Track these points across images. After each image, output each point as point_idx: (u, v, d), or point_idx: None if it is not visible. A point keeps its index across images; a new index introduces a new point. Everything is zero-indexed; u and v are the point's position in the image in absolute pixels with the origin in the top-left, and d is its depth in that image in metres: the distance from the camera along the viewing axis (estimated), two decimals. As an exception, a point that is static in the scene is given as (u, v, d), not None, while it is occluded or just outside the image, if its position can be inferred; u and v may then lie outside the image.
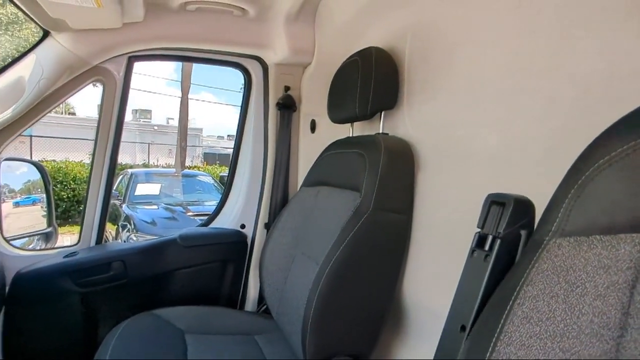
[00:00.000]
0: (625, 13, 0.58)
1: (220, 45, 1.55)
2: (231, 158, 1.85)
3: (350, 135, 1.33)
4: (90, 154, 1.59)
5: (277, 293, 1.29)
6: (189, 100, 2.03)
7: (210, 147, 17.75)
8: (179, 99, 2.02)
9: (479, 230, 0.58)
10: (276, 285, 1.30)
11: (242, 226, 1.73)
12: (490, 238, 0.55)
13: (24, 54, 1.27)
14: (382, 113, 1.18)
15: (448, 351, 0.55)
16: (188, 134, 2.30)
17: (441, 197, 1.00)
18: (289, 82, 1.66)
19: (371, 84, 1.11)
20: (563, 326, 0.41)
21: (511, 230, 0.53)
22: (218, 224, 1.80)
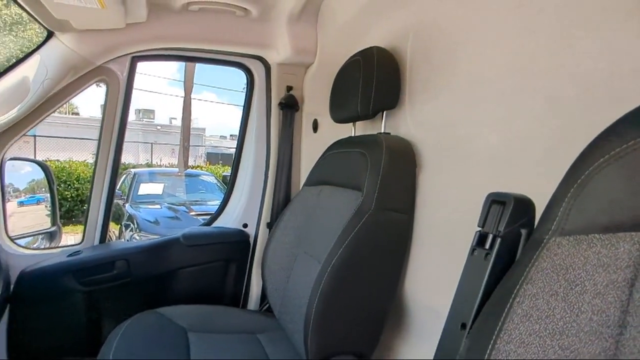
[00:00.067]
0: (626, 13, 0.58)
1: (223, 45, 1.56)
2: (234, 158, 1.86)
3: (353, 135, 1.33)
4: (94, 153, 1.60)
5: (280, 292, 1.29)
6: (191, 100, 2.04)
7: (213, 147, 17.77)
8: (182, 98, 2.03)
9: (479, 229, 0.58)
10: (278, 284, 1.31)
11: (245, 225, 1.74)
12: (490, 237, 0.55)
13: (28, 55, 1.28)
14: (384, 113, 1.18)
15: (448, 349, 0.55)
16: (191, 133, 2.31)
17: (443, 197, 1.00)
18: (292, 82, 1.67)
19: (373, 83, 1.11)
20: (562, 324, 0.41)
21: (511, 229, 0.53)
22: (221, 224, 1.81)
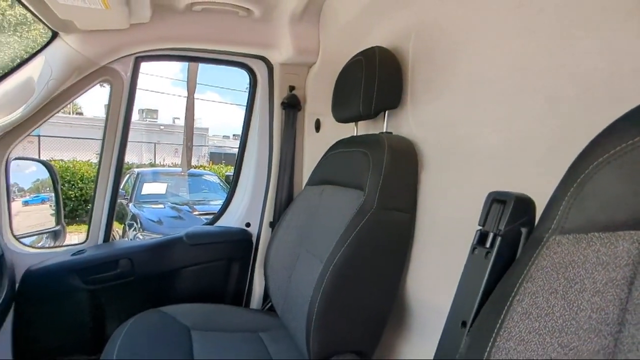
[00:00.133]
0: (626, 13, 0.58)
1: (226, 46, 1.57)
2: (236, 157, 1.87)
3: (355, 135, 1.33)
4: (97, 153, 1.61)
5: (282, 291, 1.29)
6: (194, 100, 2.04)
7: (216, 147, 17.81)
8: (185, 98, 2.04)
9: (480, 227, 0.58)
10: (281, 283, 1.31)
11: (248, 225, 1.75)
12: (491, 235, 0.55)
13: (33, 55, 1.29)
14: (386, 112, 1.18)
15: (449, 347, 0.55)
16: (194, 133, 2.31)
17: (444, 196, 1.00)
18: (294, 82, 1.67)
19: (375, 83, 1.12)
20: (562, 322, 0.42)
21: (512, 228, 0.54)
22: (224, 223, 1.82)
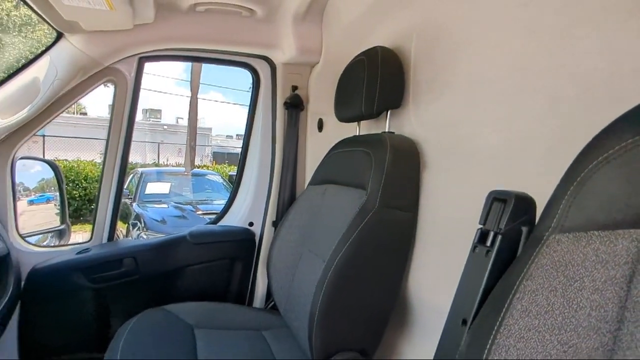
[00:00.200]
0: (626, 12, 0.58)
1: (229, 46, 1.57)
2: (239, 157, 1.87)
3: (357, 134, 1.34)
4: (101, 153, 1.62)
5: (285, 290, 1.30)
6: (198, 100, 2.05)
7: (220, 147, 17.84)
8: (189, 98, 2.05)
9: (481, 226, 0.58)
10: (284, 282, 1.32)
11: (251, 224, 1.75)
12: (491, 234, 0.55)
13: (38, 56, 1.30)
14: (388, 112, 1.19)
15: (449, 345, 0.56)
16: (197, 133, 2.33)
17: (446, 195, 1.00)
18: (297, 82, 1.68)
19: (377, 83, 1.12)
20: (561, 319, 0.42)
21: (512, 227, 0.54)
22: (227, 222, 1.82)
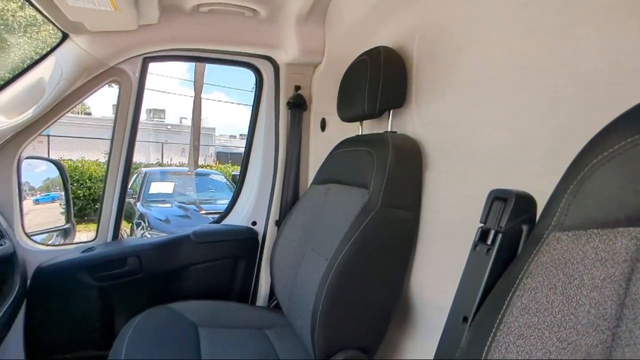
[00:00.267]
0: (626, 12, 0.58)
1: (232, 46, 1.58)
2: (243, 156, 1.88)
3: (360, 134, 1.34)
4: (106, 153, 1.64)
5: (288, 289, 1.31)
6: (201, 99, 2.06)
7: (223, 147, 17.89)
8: (192, 98, 2.06)
9: (481, 225, 0.59)
10: (286, 281, 1.32)
11: (254, 223, 1.76)
12: (492, 232, 0.56)
13: (44, 56, 1.31)
14: (391, 112, 1.19)
15: (450, 342, 0.56)
16: (201, 133, 2.34)
17: (448, 194, 1.01)
18: (300, 82, 1.69)
19: (379, 83, 1.12)
20: (560, 317, 0.42)
21: (513, 225, 0.54)
22: (230, 221, 1.83)
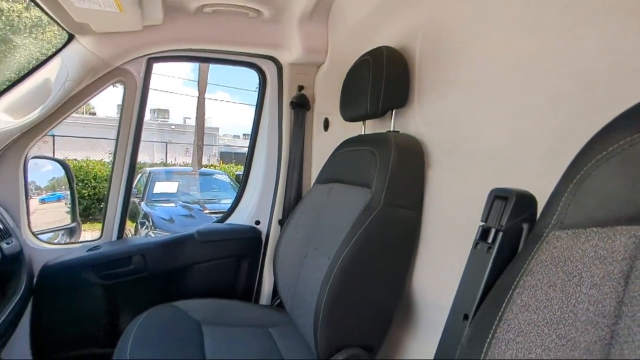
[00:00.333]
0: (626, 12, 0.59)
1: (236, 46, 1.59)
2: (246, 156, 1.89)
3: (362, 133, 1.35)
4: (110, 152, 1.65)
5: (291, 287, 1.31)
6: (205, 99, 2.07)
7: (227, 146, 17.92)
8: (196, 98, 2.07)
9: (482, 223, 0.59)
10: (289, 279, 1.33)
11: (257, 222, 1.77)
12: (493, 231, 0.56)
13: (50, 57, 1.33)
14: (393, 111, 1.20)
15: (451, 340, 0.57)
16: (205, 133, 2.35)
17: (451, 194, 1.01)
18: (303, 82, 1.69)
19: (382, 82, 1.13)
20: (560, 314, 0.43)
21: (513, 224, 0.55)
22: (234, 221, 1.84)
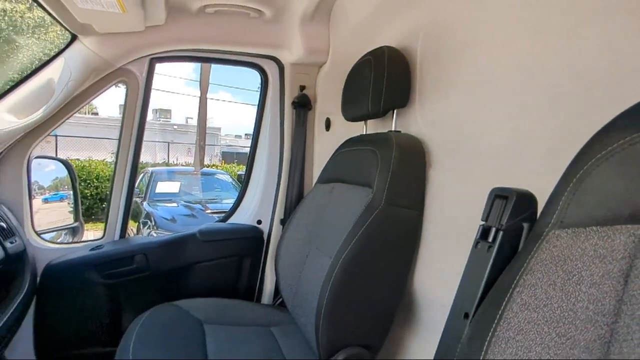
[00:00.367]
0: (626, 13, 0.59)
1: (238, 46, 1.60)
2: (248, 156, 1.90)
3: (364, 133, 1.35)
4: (112, 152, 1.66)
5: (292, 286, 1.32)
6: (207, 99, 2.08)
7: (228, 146, 17.95)
8: (198, 98, 2.08)
9: (483, 222, 0.59)
10: (291, 279, 1.34)
11: (259, 222, 1.78)
12: (493, 230, 0.57)
13: (53, 58, 1.33)
14: (395, 111, 1.20)
15: (451, 338, 0.57)
16: (206, 133, 2.36)
17: (452, 193, 1.01)
18: (305, 82, 1.70)
19: (383, 82, 1.13)
20: (559, 312, 0.43)
21: (513, 223, 0.55)
22: (235, 220, 1.85)
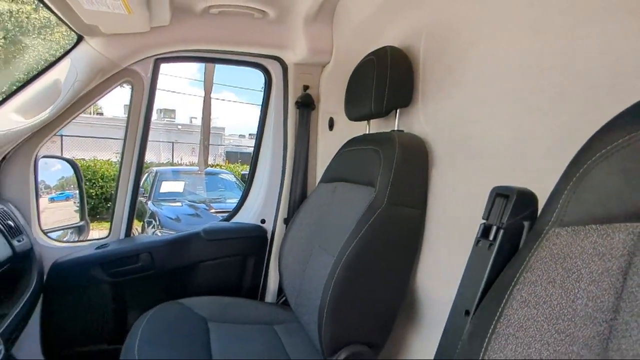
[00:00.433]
0: (626, 12, 0.59)
1: (242, 47, 1.61)
2: (252, 155, 1.91)
3: (367, 133, 1.36)
4: (117, 152, 1.68)
5: (296, 285, 1.33)
6: (211, 99, 2.09)
7: (232, 146, 18.01)
8: (202, 98, 2.09)
9: (484, 221, 0.60)
10: (294, 277, 1.34)
11: (263, 221, 1.79)
12: (494, 228, 0.57)
13: (59, 58, 1.35)
14: (398, 111, 1.20)
15: (452, 335, 0.58)
16: (211, 133, 2.37)
17: (454, 193, 1.02)
18: (308, 81, 1.70)
19: (386, 82, 1.13)
20: (559, 309, 0.44)
21: (514, 221, 0.56)
22: (239, 219, 1.86)
